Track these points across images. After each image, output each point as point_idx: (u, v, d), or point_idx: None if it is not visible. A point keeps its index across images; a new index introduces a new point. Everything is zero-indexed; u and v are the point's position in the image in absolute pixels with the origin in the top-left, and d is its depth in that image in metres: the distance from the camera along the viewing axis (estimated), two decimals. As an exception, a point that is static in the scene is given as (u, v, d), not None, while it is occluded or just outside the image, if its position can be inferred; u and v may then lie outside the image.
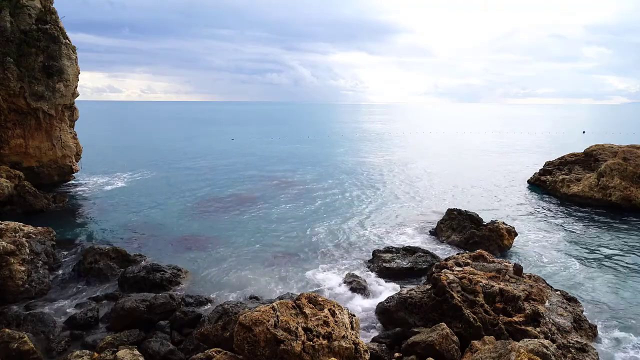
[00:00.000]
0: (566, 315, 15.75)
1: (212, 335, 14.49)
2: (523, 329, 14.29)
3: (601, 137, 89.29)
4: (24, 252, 20.09)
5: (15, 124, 35.94)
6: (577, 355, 13.78)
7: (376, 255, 23.27)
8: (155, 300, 17.31)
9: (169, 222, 30.80)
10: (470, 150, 75.63)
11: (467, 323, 14.79)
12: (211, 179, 47.02)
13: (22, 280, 18.87)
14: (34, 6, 35.98)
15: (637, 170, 34.53)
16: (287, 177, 48.46)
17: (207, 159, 62.60)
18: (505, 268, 18.07)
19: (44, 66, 35.62)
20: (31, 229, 22.60)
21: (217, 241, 26.72)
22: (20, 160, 36.50)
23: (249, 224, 30.29)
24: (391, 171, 52.73)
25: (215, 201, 37.06)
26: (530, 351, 11.37)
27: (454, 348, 13.85)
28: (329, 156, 66.65)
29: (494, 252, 23.78)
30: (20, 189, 32.77)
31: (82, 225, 30.35)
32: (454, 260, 18.97)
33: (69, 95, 37.83)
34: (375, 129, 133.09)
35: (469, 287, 15.99)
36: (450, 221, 28.04)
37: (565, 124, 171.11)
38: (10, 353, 13.75)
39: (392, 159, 64.34)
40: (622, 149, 37.55)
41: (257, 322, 11.91)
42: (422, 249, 23.62)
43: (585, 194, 36.32)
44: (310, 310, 12.81)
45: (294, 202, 36.68)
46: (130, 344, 14.97)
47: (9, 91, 34.21)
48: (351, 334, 12.67)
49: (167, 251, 25.19)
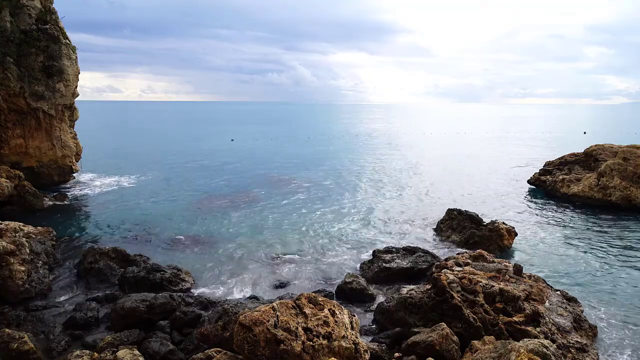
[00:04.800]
0: (566, 315, 15.75)
1: (212, 335, 14.48)
2: (523, 329, 14.29)
3: (601, 137, 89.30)
4: (24, 252, 20.07)
5: (15, 124, 35.94)
6: (577, 355, 13.78)
7: (376, 255, 23.26)
8: (155, 300, 17.30)
9: (170, 222, 30.80)
10: (470, 151, 75.61)
11: (467, 323, 14.79)
12: (211, 179, 47.03)
13: (22, 280, 18.85)
14: (34, 6, 35.98)
15: (637, 170, 34.52)
16: (287, 177, 48.45)
17: (207, 159, 62.60)
18: (505, 268, 18.07)
19: (44, 66, 35.62)
20: (31, 229, 22.59)
21: (217, 241, 26.72)
22: (20, 160, 36.50)
23: (249, 224, 30.29)
24: (391, 171, 52.75)
25: (215, 201, 37.07)
26: (530, 351, 11.37)
27: (454, 348, 13.84)
28: (329, 156, 66.65)
29: (494, 252, 23.77)
30: (20, 189, 32.78)
31: (82, 225, 30.34)
32: (454, 260, 18.98)
33: (69, 95, 37.83)
34: (376, 129, 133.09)
35: (469, 287, 15.99)
36: (450, 221, 28.04)
37: (565, 124, 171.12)
38: (10, 353, 13.75)
39: (393, 159, 64.35)
40: (622, 149, 37.53)
41: (257, 322, 11.91)
42: (422, 249, 23.62)
43: (585, 194, 36.32)
44: (310, 310, 12.80)
45: (294, 202, 36.68)
46: (130, 344, 14.96)
47: (9, 91, 34.22)
48: (351, 334, 12.66)
49: (167, 251, 25.20)
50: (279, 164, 58.61)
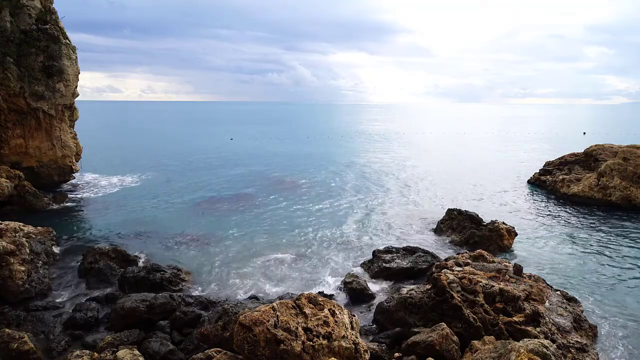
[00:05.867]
0: (566, 315, 15.75)
1: (212, 335, 14.48)
2: (523, 329, 14.29)
3: (601, 137, 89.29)
4: (24, 252, 20.08)
5: (15, 124, 35.92)
6: (577, 355, 13.78)
7: (376, 255, 23.27)
8: (155, 300, 17.31)
9: (169, 222, 30.79)
10: (470, 151, 75.61)
11: (467, 323, 14.79)
12: (211, 179, 47.02)
13: (22, 280, 18.86)
14: (34, 6, 35.97)
15: (637, 170, 34.53)
16: (287, 177, 48.45)
17: (207, 159, 62.59)
18: (505, 268, 18.08)
19: (44, 66, 35.60)
20: (31, 229, 22.60)
21: (217, 241, 26.72)
22: (20, 160, 36.49)
23: (249, 224, 30.28)
24: (391, 171, 52.73)
25: (215, 201, 37.07)
26: (530, 351, 11.37)
27: (454, 348, 13.84)
28: (329, 156, 66.64)
29: (494, 252, 23.77)
30: (20, 189, 32.79)
31: (82, 225, 30.34)
32: (454, 260, 18.98)
33: (69, 95, 37.81)
34: (376, 129, 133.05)
35: (469, 287, 15.99)
36: (450, 221, 28.04)
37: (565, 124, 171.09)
38: (10, 353, 13.75)
39: (393, 159, 64.33)
40: (622, 149, 37.53)
41: (257, 322, 11.91)
42: (422, 249, 23.62)
43: (585, 194, 36.32)
44: (310, 310, 12.81)
45: (294, 202, 36.67)
46: (130, 344, 14.96)
47: (9, 91, 34.20)
48: (351, 334, 12.67)
49: (167, 251, 25.19)
50: (279, 163, 58.59)
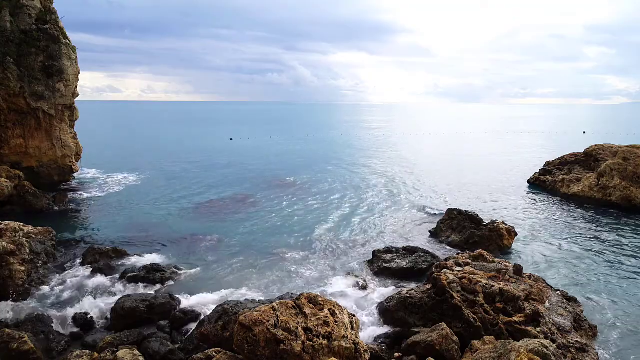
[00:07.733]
0: (566, 315, 15.75)
1: (212, 335, 14.48)
2: (523, 329, 14.29)
3: (601, 137, 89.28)
4: (24, 252, 20.08)
5: (15, 124, 35.92)
6: (577, 355, 13.78)
7: (376, 255, 23.27)
8: (155, 300, 17.32)
9: (169, 222, 30.80)
10: (470, 151, 75.62)
11: (467, 323, 14.79)
12: (211, 179, 47.01)
13: (22, 280, 18.86)
14: (34, 6, 35.97)
15: (637, 170, 34.52)
16: (287, 176, 48.43)
17: (207, 159, 62.57)
18: (505, 268, 18.07)
19: (44, 66, 35.60)
20: (31, 229, 22.59)
21: (216, 241, 26.71)
22: (20, 160, 36.49)
23: (249, 224, 30.28)
24: (391, 171, 52.72)
25: (215, 201, 37.06)
26: (530, 351, 11.37)
27: (454, 348, 13.84)
28: (329, 156, 66.64)
29: (494, 252, 23.76)
30: (20, 189, 32.78)
31: (82, 225, 30.34)
32: (454, 260, 18.97)
33: (69, 95, 37.81)
34: (376, 129, 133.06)
35: (469, 287, 16.00)
36: (450, 221, 28.03)
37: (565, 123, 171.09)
38: (10, 353, 13.75)
39: (393, 159, 64.34)
40: (622, 149, 37.52)
41: (257, 322, 11.91)
42: (422, 249, 23.62)
43: (585, 194, 36.33)
44: (310, 310, 12.81)
45: (294, 202, 36.67)
46: (130, 344, 14.96)
47: (9, 91, 34.20)
48: (351, 334, 12.67)
49: (167, 251, 25.18)
50: (279, 163, 58.59)
